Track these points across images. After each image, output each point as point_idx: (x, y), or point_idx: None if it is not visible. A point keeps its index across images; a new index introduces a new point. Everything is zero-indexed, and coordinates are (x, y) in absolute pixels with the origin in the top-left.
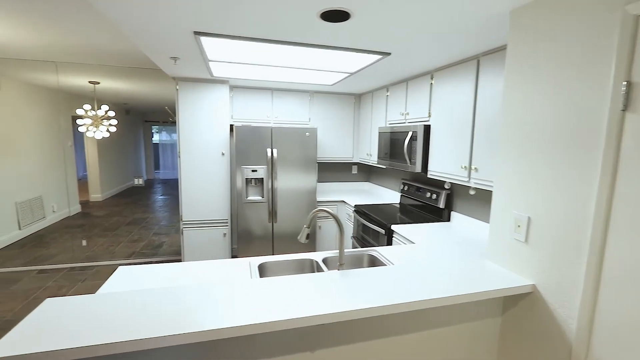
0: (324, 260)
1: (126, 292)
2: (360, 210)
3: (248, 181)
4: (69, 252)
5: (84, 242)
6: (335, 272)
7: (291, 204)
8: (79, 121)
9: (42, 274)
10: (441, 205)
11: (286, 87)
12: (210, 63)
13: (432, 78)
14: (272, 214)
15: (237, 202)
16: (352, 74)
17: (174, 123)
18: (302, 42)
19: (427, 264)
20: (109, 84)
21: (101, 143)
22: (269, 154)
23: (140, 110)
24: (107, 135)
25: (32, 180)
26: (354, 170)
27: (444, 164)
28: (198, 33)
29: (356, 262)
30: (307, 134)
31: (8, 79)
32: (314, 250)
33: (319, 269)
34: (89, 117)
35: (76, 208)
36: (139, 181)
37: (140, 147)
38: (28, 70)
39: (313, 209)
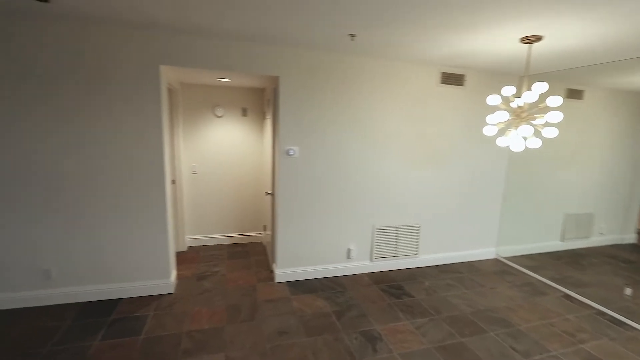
0: None
1: None
2: None
3: None
4: (603, 289)
5: (628, 291)
6: None
7: None
8: None
9: (567, 300)
10: None
11: None
12: None
13: None
14: None
15: None
16: None
17: None
18: None
19: None
20: None
21: None
22: None
23: None
24: None
25: (584, 194)
26: None
27: None
28: None
29: None
30: None
31: (593, 88)
32: None
33: None
34: None
35: (630, 237)
36: None
37: None
38: (610, 74)
39: None
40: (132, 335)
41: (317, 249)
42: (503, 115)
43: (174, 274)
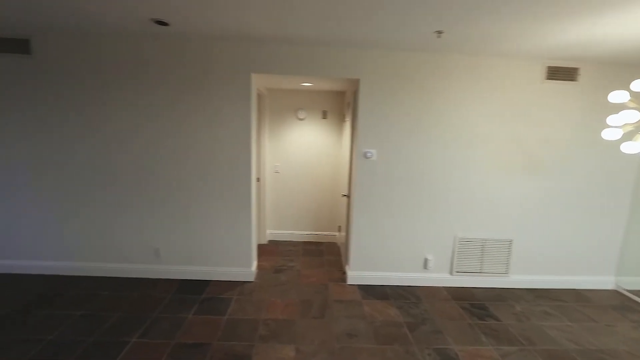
0: None
1: None
2: None
3: None
4: None
5: None
6: None
7: None
8: None
9: None
10: None
11: None
12: None
13: None
14: None
15: None
16: None
17: None
18: None
19: None
20: None
21: None
22: None
23: None
24: None
25: None
26: None
27: None
28: None
29: None
30: None
31: None
32: None
33: None
34: None
35: None
36: None
37: None
38: None
39: None
40: (218, 315)
41: (392, 255)
42: (631, 116)
43: (255, 264)
